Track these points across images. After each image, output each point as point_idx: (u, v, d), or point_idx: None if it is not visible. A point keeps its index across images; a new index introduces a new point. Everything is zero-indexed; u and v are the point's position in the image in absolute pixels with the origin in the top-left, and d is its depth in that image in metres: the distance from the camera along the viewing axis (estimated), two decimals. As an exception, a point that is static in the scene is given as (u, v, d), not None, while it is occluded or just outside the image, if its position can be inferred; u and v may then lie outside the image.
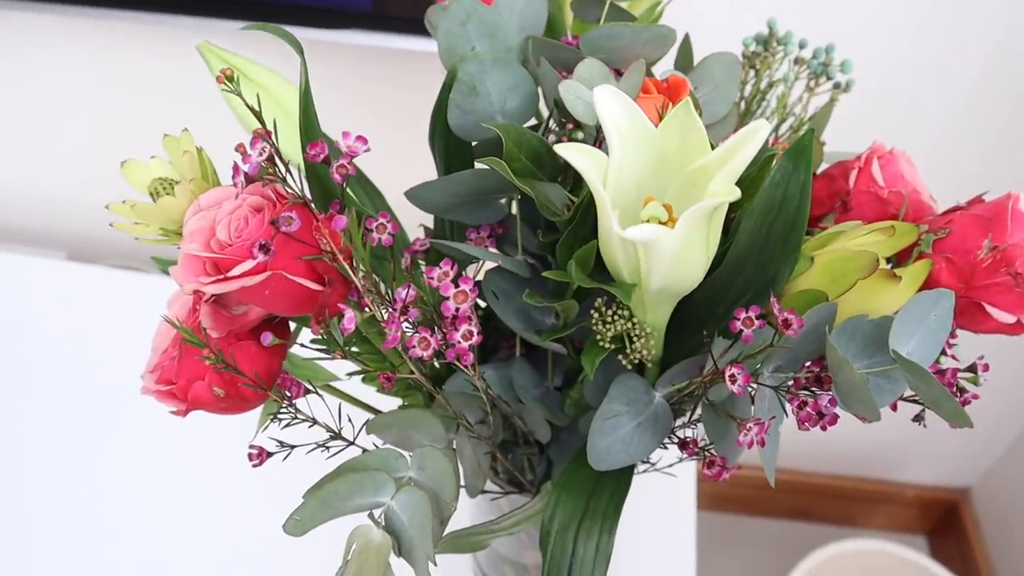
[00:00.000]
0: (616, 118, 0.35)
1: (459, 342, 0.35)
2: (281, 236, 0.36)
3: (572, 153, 0.34)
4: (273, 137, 0.35)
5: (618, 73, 0.47)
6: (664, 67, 0.51)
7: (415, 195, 0.44)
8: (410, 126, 0.43)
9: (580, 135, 0.43)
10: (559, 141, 0.43)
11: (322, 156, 0.37)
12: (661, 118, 0.42)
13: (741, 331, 0.38)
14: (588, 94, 0.42)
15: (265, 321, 0.43)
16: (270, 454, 0.42)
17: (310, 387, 0.43)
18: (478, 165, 0.47)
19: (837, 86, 0.56)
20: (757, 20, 0.59)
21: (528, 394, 0.48)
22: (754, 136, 0.33)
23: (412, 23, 0.85)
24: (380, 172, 0.82)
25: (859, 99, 0.74)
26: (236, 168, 0.35)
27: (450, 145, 0.46)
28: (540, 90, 0.46)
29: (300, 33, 0.88)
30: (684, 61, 0.52)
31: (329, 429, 0.42)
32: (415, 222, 0.52)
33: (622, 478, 0.46)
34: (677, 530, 0.91)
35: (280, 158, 0.35)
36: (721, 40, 0.60)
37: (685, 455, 0.45)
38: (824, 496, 1.48)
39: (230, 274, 0.36)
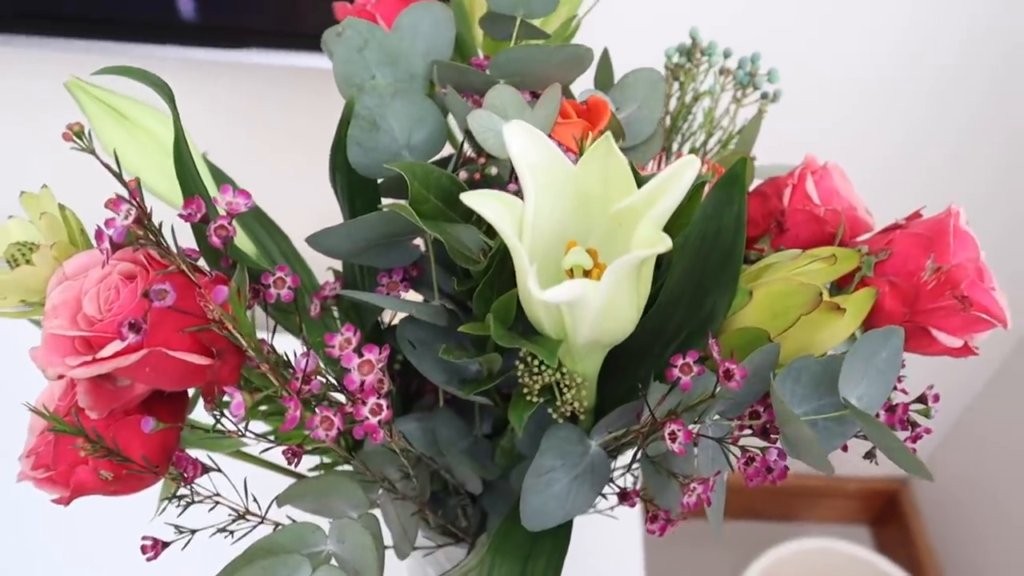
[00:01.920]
0: (529, 158, 0.32)
1: (367, 418, 0.31)
2: (158, 307, 0.31)
3: (481, 202, 0.30)
4: (140, 196, 0.30)
5: (534, 95, 0.43)
6: (585, 84, 0.48)
7: (317, 242, 0.40)
8: (325, 150, 0.39)
9: (494, 170, 0.39)
10: (472, 177, 0.39)
11: (199, 215, 0.32)
12: (580, 147, 0.39)
13: (679, 379, 0.35)
14: (500, 124, 0.39)
15: (156, 392, 0.39)
16: (166, 544, 0.37)
17: (210, 463, 0.38)
18: (386, 201, 0.43)
19: (765, 96, 0.53)
20: (681, 26, 0.56)
21: (454, 447, 0.44)
22: (683, 174, 0.30)
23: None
24: (294, 200, 0.77)
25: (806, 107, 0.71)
26: (100, 233, 0.30)
27: (353, 183, 0.42)
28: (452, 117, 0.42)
29: (201, 54, 0.82)
30: (604, 78, 0.49)
31: (234, 509, 0.38)
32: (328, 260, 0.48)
33: (560, 533, 0.42)
34: (624, 532, 0.87)
35: (150, 221, 0.30)
36: (643, 44, 0.57)
37: (627, 505, 0.42)
38: (770, 494, 1.48)
39: (100, 355, 0.31)
